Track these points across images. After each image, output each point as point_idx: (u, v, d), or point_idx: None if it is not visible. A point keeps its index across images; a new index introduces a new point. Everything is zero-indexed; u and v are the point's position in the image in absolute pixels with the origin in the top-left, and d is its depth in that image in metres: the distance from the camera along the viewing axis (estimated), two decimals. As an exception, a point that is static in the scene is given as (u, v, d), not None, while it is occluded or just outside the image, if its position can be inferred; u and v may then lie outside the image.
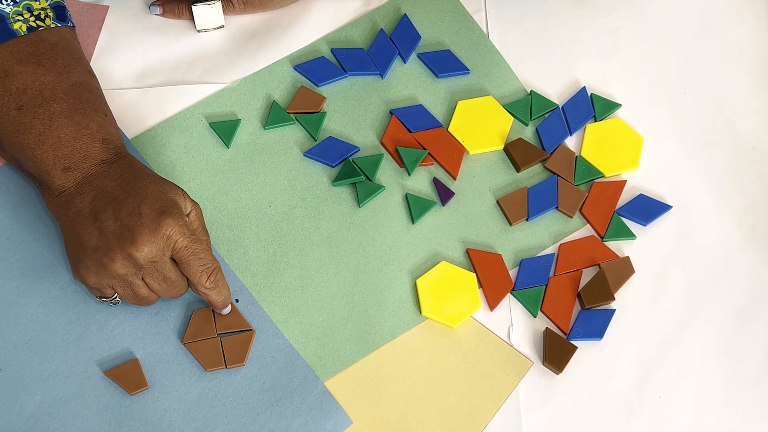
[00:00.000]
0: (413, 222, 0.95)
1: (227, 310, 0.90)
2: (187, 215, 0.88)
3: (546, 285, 0.93)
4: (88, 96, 0.90)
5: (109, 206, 0.85)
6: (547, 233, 0.96)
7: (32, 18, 0.90)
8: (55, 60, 0.89)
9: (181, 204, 0.87)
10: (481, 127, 0.99)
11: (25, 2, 0.90)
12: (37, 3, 0.90)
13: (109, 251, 0.84)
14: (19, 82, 0.87)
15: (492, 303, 0.92)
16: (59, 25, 0.91)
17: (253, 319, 0.91)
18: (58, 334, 0.90)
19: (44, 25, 0.90)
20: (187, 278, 0.87)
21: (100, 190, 0.86)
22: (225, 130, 0.98)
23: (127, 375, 0.88)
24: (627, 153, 0.99)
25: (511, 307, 0.93)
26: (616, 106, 1.01)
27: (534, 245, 0.95)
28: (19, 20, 0.89)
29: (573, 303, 0.93)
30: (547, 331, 0.91)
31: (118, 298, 0.88)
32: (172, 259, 0.86)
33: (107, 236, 0.84)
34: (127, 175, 0.87)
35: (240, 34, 1.03)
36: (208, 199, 0.96)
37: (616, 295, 0.92)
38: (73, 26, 0.93)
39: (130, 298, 0.88)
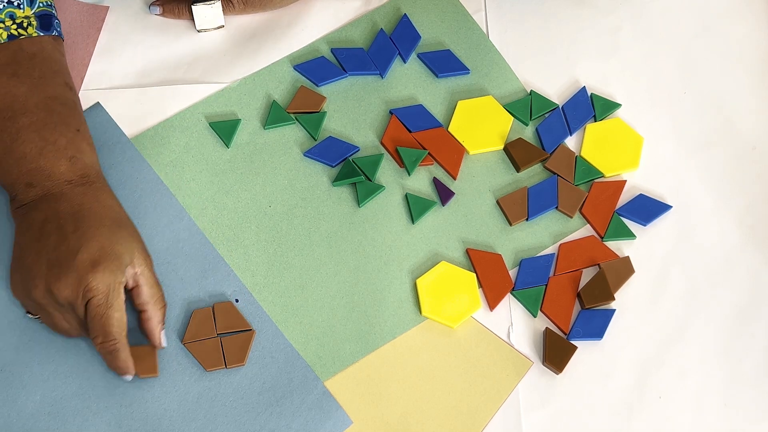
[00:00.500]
0: (413, 222, 0.95)
1: (127, 377, 0.87)
2: (139, 273, 0.86)
3: (546, 285, 0.93)
4: (61, 110, 0.89)
5: (55, 233, 0.84)
6: (547, 233, 0.96)
7: (14, 26, 0.89)
8: (32, 71, 0.88)
9: (127, 260, 0.85)
10: (481, 127, 0.99)
11: (8, 10, 0.89)
12: (21, 11, 0.90)
13: (35, 277, 0.84)
14: None
15: (492, 303, 0.92)
16: (42, 34, 0.90)
17: (253, 319, 0.91)
18: (58, 334, 0.90)
19: (26, 34, 0.89)
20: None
21: (54, 213, 0.85)
22: (225, 130, 0.98)
23: (141, 357, 0.88)
24: (627, 153, 0.99)
25: (511, 307, 0.93)
26: (616, 106, 1.01)
27: (534, 245, 0.95)
28: (0, 27, 0.89)
29: (573, 303, 0.93)
30: (547, 331, 0.91)
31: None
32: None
33: (41, 262, 0.84)
34: (86, 206, 0.86)
35: (240, 34, 1.03)
36: (208, 199, 0.96)
37: (616, 295, 0.92)
38: (59, 35, 0.92)
39: (50, 325, 0.87)
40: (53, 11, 0.92)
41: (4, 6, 0.89)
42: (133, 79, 1.00)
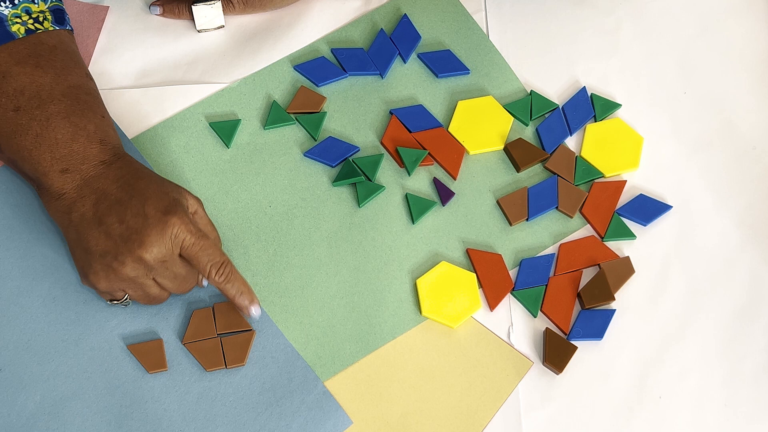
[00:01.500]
0: (413, 222, 0.95)
1: (255, 310, 0.87)
2: (194, 213, 0.88)
3: (546, 285, 0.93)
4: (86, 98, 0.89)
5: (113, 209, 0.85)
6: (547, 233, 0.96)
7: (30, 21, 0.90)
8: (53, 62, 0.89)
9: (185, 202, 0.87)
10: (481, 127, 0.99)
11: (23, 5, 0.90)
12: (36, 6, 0.90)
13: (118, 255, 0.84)
14: (17, 83, 0.87)
15: (492, 303, 0.93)
16: (57, 28, 0.91)
17: (253, 318, 0.91)
18: (58, 334, 0.90)
19: (42, 28, 0.90)
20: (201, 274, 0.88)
21: (102, 192, 0.86)
22: (225, 130, 0.98)
23: (149, 353, 0.88)
24: (627, 153, 0.99)
25: (511, 307, 0.93)
26: (616, 106, 1.01)
27: (534, 245, 0.95)
28: (17, 23, 0.89)
29: (573, 303, 0.93)
30: (547, 331, 0.91)
31: (128, 300, 0.88)
32: (181, 256, 0.86)
33: (114, 240, 0.84)
34: (127, 176, 0.87)
35: (240, 34, 1.03)
36: (208, 199, 0.96)
37: (616, 295, 0.92)
38: (71, 30, 0.93)
39: (142, 298, 0.88)
40: (63, 6, 0.93)
41: (19, 2, 0.89)
42: (133, 79, 1.01)
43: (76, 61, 0.91)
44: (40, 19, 0.90)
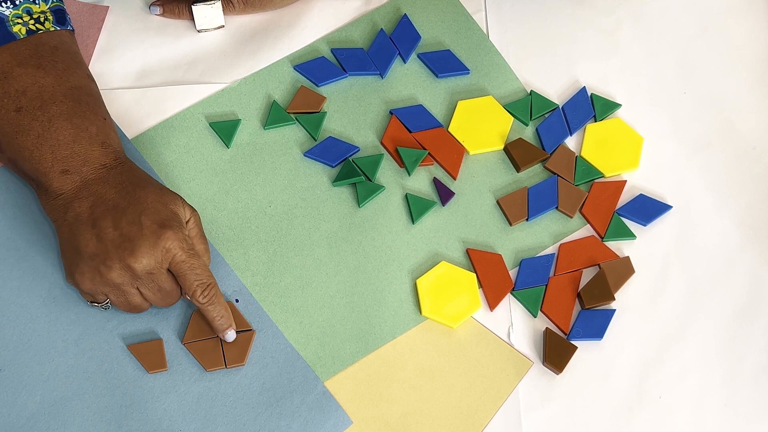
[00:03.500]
0: (413, 222, 0.95)
1: (230, 335, 0.89)
2: (186, 223, 0.88)
3: (546, 285, 0.93)
4: (88, 99, 0.89)
5: (108, 214, 0.85)
6: (547, 233, 0.96)
7: (32, 21, 0.90)
8: (55, 63, 0.89)
9: (181, 214, 0.88)
10: (481, 127, 0.99)
11: (24, 5, 0.90)
12: (37, 6, 0.90)
13: (106, 259, 0.84)
14: (19, 84, 0.87)
15: (492, 303, 0.93)
16: (59, 28, 0.91)
17: (253, 319, 0.91)
18: (58, 334, 0.90)
19: (44, 29, 0.90)
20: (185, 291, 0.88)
21: (99, 196, 0.86)
22: (225, 130, 0.98)
23: (149, 353, 0.89)
24: (627, 153, 0.99)
25: (511, 307, 0.93)
26: (616, 106, 1.01)
27: (534, 245, 0.95)
28: (18, 23, 0.89)
29: (573, 303, 0.93)
30: (547, 331, 0.91)
31: (109, 304, 0.89)
32: (169, 271, 0.86)
33: (106, 244, 0.84)
34: (126, 182, 0.87)
35: (240, 34, 1.03)
36: (208, 199, 0.96)
37: (616, 295, 0.92)
38: (72, 30, 0.93)
39: (122, 305, 0.88)
40: (64, 6, 0.93)
41: (21, 2, 0.89)
42: (133, 79, 1.01)
43: (78, 62, 0.91)
44: (41, 19, 0.90)
